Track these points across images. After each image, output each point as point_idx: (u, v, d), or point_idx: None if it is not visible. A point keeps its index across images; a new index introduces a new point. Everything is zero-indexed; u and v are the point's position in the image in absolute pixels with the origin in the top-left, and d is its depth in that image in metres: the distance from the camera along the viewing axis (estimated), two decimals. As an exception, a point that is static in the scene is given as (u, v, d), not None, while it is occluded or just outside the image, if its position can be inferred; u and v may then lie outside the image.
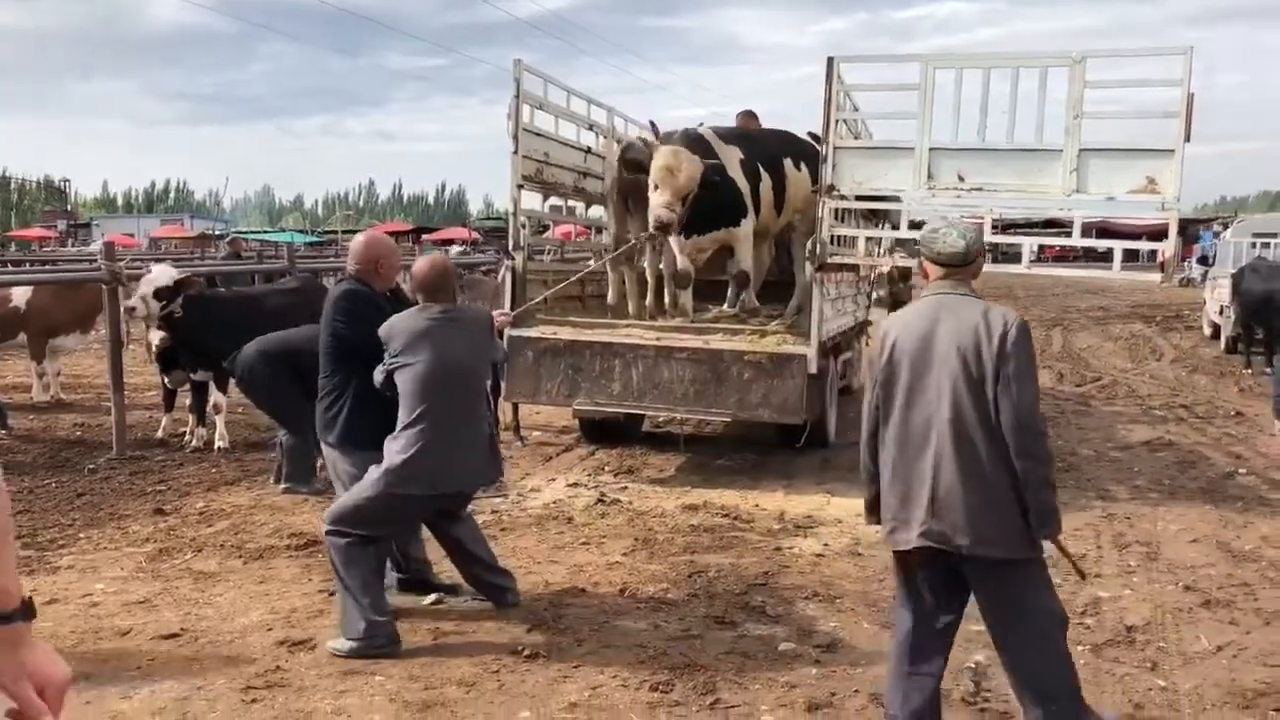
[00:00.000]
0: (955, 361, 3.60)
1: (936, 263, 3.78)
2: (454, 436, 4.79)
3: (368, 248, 5.33)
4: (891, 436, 3.75)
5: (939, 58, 7.74)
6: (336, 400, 5.08)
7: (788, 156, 9.39)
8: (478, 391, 5.09)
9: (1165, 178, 7.20)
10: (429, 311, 4.88)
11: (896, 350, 3.74)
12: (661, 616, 5.19)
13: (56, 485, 7.80)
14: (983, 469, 3.57)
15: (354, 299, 5.12)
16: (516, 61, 8.58)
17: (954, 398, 3.60)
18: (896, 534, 3.73)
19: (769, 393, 7.84)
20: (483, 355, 5.16)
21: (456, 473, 4.88)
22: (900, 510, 3.71)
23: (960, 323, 3.64)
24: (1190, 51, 7.05)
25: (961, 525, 3.57)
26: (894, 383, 3.73)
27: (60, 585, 5.59)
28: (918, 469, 3.66)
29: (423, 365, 4.74)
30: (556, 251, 15.48)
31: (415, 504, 4.89)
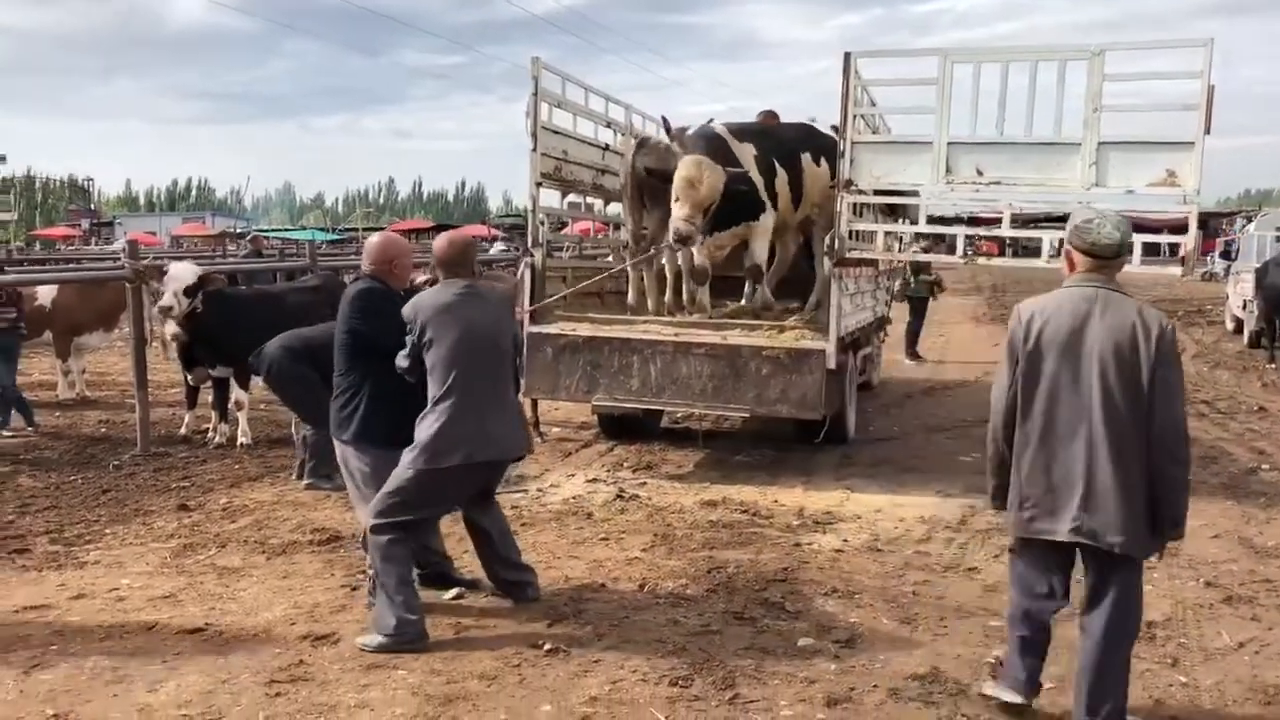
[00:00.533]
0: (1111, 358, 3.67)
1: (1089, 254, 3.80)
2: (485, 406, 4.84)
3: (383, 247, 5.38)
4: (1034, 426, 3.81)
5: (957, 51, 7.72)
6: (352, 398, 5.12)
7: (805, 151, 9.38)
8: (505, 363, 5.11)
9: (1185, 171, 7.16)
10: (452, 287, 4.95)
11: (1044, 339, 3.77)
12: (681, 612, 5.22)
13: (82, 481, 7.89)
14: (1135, 469, 3.68)
15: (370, 296, 5.16)
16: (535, 59, 8.61)
17: (1107, 395, 3.67)
18: (1036, 523, 3.83)
19: (787, 388, 7.84)
20: (506, 328, 5.16)
21: (491, 440, 4.88)
22: (1043, 499, 3.80)
23: (1116, 319, 3.70)
24: (1211, 44, 7.01)
25: (1115, 524, 3.68)
26: (1039, 371, 3.79)
27: (87, 580, 5.66)
28: (1065, 462, 3.75)
29: (450, 338, 4.79)
30: (575, 248, 15.52)
31: (453, 478, 4.87)
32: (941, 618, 5.17)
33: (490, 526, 5.34)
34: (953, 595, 5.50)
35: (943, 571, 5.91)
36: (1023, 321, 3.88)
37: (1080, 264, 3.85)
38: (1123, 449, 3.68)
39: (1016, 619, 4.03)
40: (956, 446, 9.44)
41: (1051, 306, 3.85)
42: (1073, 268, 3.90)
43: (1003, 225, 8.46)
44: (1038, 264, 8.32)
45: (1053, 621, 4.02)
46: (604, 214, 11.83)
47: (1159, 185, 7.29)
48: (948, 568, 5.98)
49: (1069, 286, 3.87)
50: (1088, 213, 3.92)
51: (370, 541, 4.90)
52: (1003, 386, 3.93)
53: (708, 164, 8.17)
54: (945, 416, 10.95)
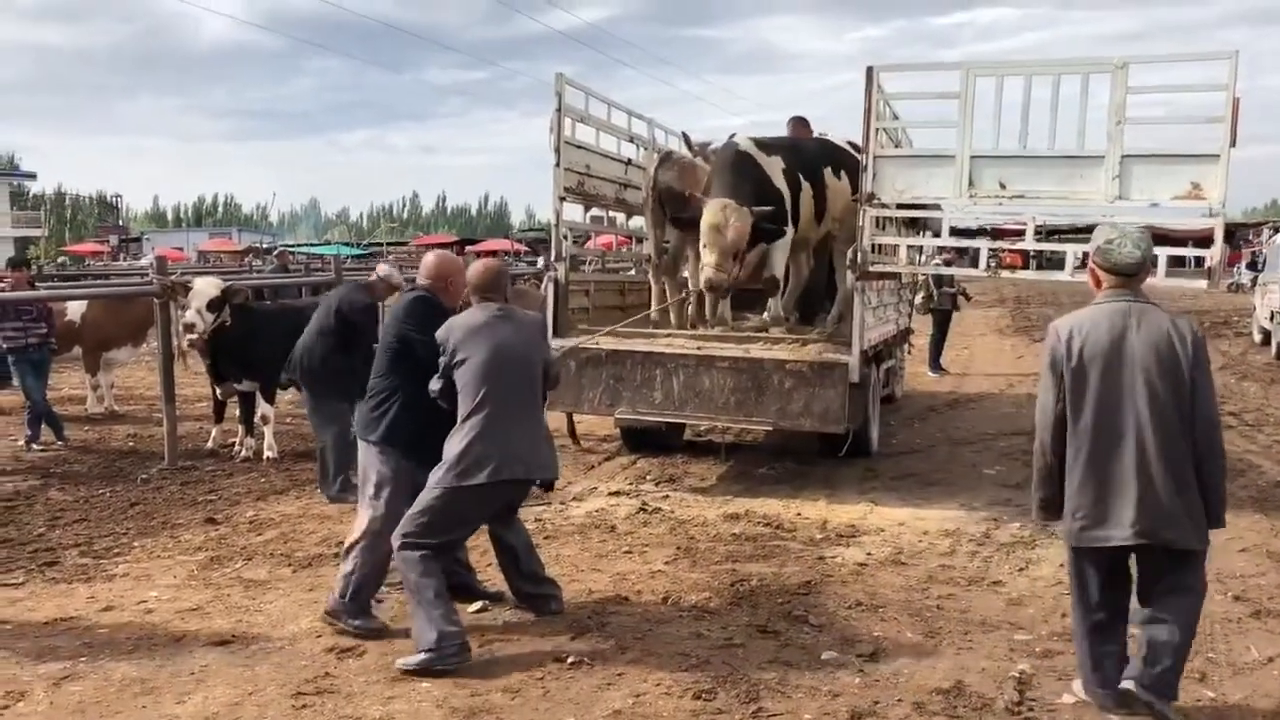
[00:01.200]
0: (1154, 365, 3.90)
1: (1113, 272, 4.05)
2: (513, 425, 4.86)
3: (440, 265, 5.42)
4: (1083, 438, 3.99)
5: (979, 65, 7.71)
6: (386, 400, 5.15)
7: (828, 165, 9.39)
8: (534, 385, 5.11)
9: (1210, 183, 7.12)
10: (485, 310, 5.01)
11: (1086, 354, 3.97)
12: (704, 625, 5.22)
13: (111, 495, 7.98)
14: (1184, 467, 3.91)
15: (427, 305, 5.21)
16: (559, 75, 8.67)
17: (1154, 400, 3.89)
18: (1090, 531, 3.99)
19: (810, 401, 7.84)
20: (536, 351, 5.17)
21: (518, 459, 4.89)
22: (1093, 509, 3.97)
23: (1153, 328, 3.94)
24: (1236, 55, 6.98)
25: (1171, 521, 3.89)
26: (1084, 385, 3.98)
27: (116, 593, 5.72)
28: (1117, 469, 3.93)
29: (480, 358, 4.83)
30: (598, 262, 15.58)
31: (480, 496, 4.88)
32: (966, 631, 5.15)
33: (515, 541, 5.36)
34: (977, 609, 5.48)
35: (967, 585, 5.89)
36: (1063, 339, 4.04)
37: (1106, 281, 4.07)
38: (1171, 450, 3.89)
39: (1088, 635, 4.17)
40: (980, 459, 9.40)
41: (1089, 323, 4.02)
42: (1099, 284, 4.11)
43: (1026, 238, 8.43)
44: (1061, 276, 8.27)
45: (1119, 623, 4.17)
46: (627, 228, 11.88)
47: (1184, 198, 7.25)
48: (972, 581, 5.96)
49: (1102, 302, 4.06)
50: (1109, 232, 4.09)
51: (399, 559, 4.90)
52: (1048, 403, 4.09)
53: (733, 208, 8.14)
54: (969, 429, 10.91)
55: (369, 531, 5.10)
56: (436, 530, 4.86)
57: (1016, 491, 8.14)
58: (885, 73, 8.02)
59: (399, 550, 4.89)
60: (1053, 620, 5.31)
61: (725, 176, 8.60)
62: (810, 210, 9.14)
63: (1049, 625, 5.24)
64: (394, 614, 5.29)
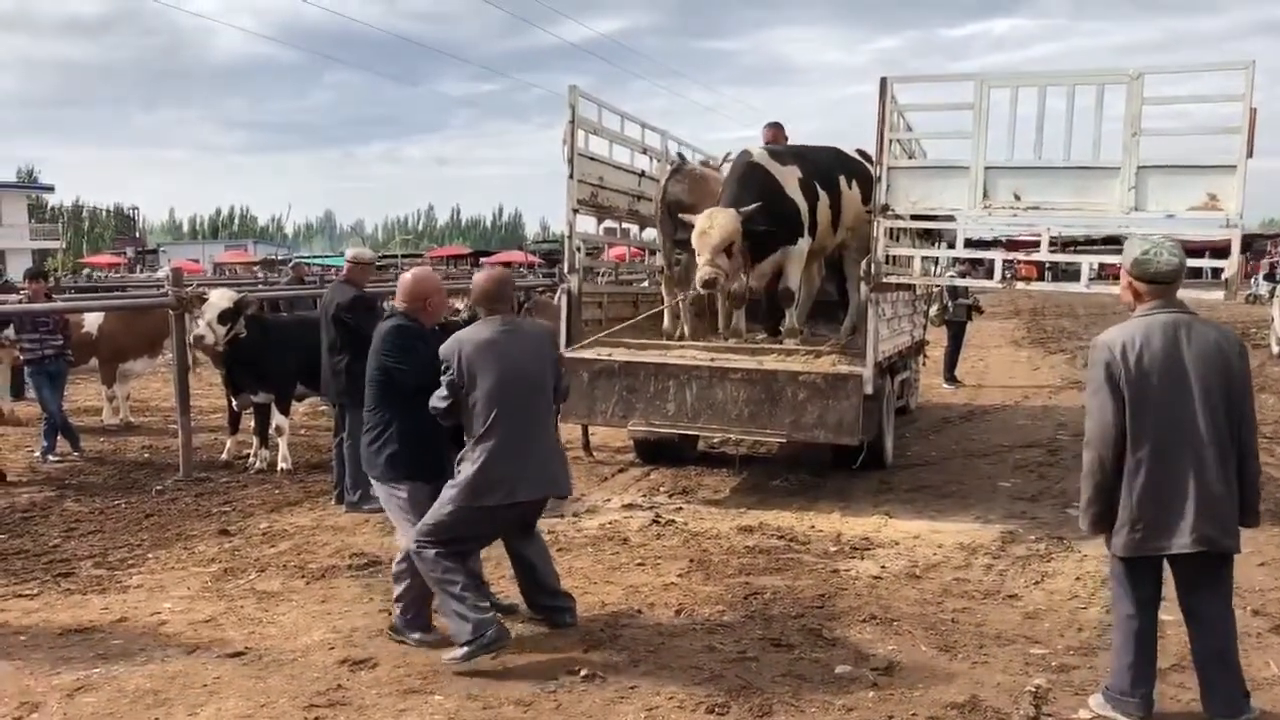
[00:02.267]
0: (1210, 376, 3.99)
1: (1152, 282, 4.09)
2: (526, 445, 4.85)
3: (415, 284, 5.33)
4: (1144, 451, 4.02)
5: (994, 76, 7.70)
6: (382, 434, 5.13)
7: (841, 174, 9.38)
8: (546, 401, 5.12)
9: (1227, 194, 7.08)
10: (492, 324, 4.96)
11: (1144, 367, 4.00)
12: (717, 638, 5.20)
13: (126, 506, 8.01)
14: (1233, 474, 4.05)
15: (404, 334, 5.15)
16: (572, 88, 8.69)
17: (1210, 411, 3.99)
18: (1148, 541, 4.04)
19: (824, 413, 7.81)
20: (547, 366, 5.13)
21: (531, 480, 4.90)
22: (1155, 519, 4.02)
23: (1202, 339, 4.04)
24: (1252, 66, 6.94)
25: (1229, 528, 4.04)
26: (1146, 399, 4.01)
27: (130, 604, 5.74)
28: (1176, 480, 4.00)
29: (491, 376, 4.79)
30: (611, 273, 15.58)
31: (494, 515, 4.91)
32: (981, 645, 5.11)
33: (532, 555, 5.36)
34: (992, 622, 5.44)
35: (982, 598, 5.85)
36: (1116, 353, 4.03)
37: (1145, 292, 4.11)
38: (1225, 458, 4.01)
39: (1128, 635, 4.22)
40: (995, 471, 9.35)
41: (1140, 335, 4.04)
42: (1138, 296, 4.14)
43: (1041, 249, 8.41)
44: (1077, 288, 8.26)
45: (1155, 630, 4.25)
46: (640, 239, 11.89)
47: (1201, 209, 7.21)
48: (987, 594, 5.92)
49: (1147, 315, 4.09)
50: (1142, 244, 4.11)
51: (419, 560, 4.91)
52: (1107, 419, 4.07)
53: (720, 213, 8.21)
54: (984, 441, 10.85)
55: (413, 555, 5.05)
56: (449, 538, 4.87)
57: (1032, 504, 8.10)
58: (899, 84, 8.02)
59: (416, 555, 4.91)
60: (1069, 634, 5.26)
61: (737, 187, 8.60)
62: (827, 220, 9.13)
63: (1065, 639, 5.19)
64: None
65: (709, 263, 8.00)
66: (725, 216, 8.15)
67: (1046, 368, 17.38)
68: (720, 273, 8.00)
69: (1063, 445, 10.50)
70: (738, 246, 8.16)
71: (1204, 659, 4.16)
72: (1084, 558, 6.60)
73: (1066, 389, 14.81)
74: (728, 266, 8.10)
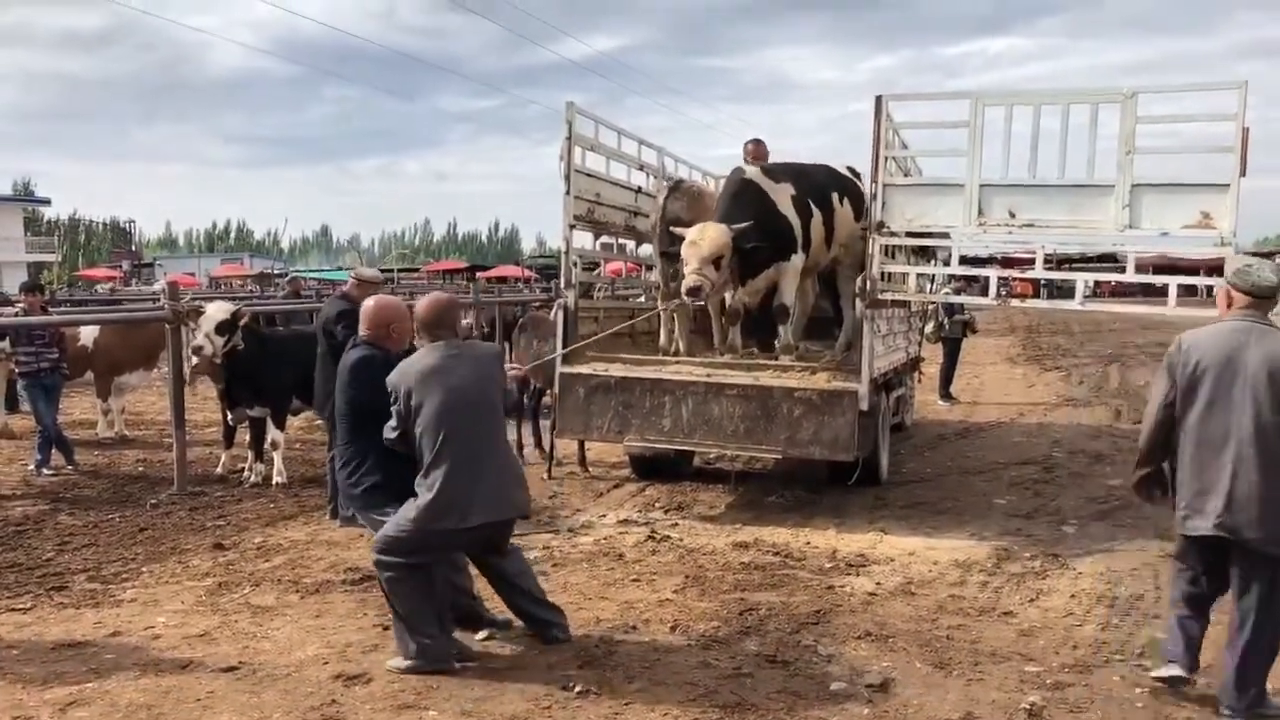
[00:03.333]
0: (1264, 381, 4.32)
1: (1249, 294, 4.46)
2: (477, 468, 4.83)
3: (378, 312, 5.28)
4: (1188, 439, 4.51)
5: (989, 95, 7.73)
6: (358, 468, 5.10)
7: (833, 191, 9.42)
8: (495, 422, 5.08)
9: (1220, 212, 7.12)
10: (435, 350, 4.92)
11: (1200, 365, 4.45)
12: (712, 654, 5.19)
13: (120, 520, 7.99)
14: (1277, 476, 4.30)
15: (369, 365, 5.11)
16: (569, 104, 8.72)
17: (1257, 413, 4.31)
18: (1189, 521, 4.51)
19: (820, 429, 7.82)
20: (493, 386, 5.09)
21: (484, 503, 4.85)
22: (1194, 502, 4.47)
23: (1267, 347, 4.36)
24: (1244, 86, 6.99)
25: (1255, 522, 4.31)
26: (1195, 392, 4.47)
27: (123, 618, 5.72)
28: (1214, 469, 4.40)
29: (435, 402, 4.77)
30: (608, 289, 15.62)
31: (450, 538, 4.91)
32: (976, 662, 5.11)
33: (506, 566, 5.30)
34: (987, 639, 5.44)
35: (977, 615, 5.85)
36: (1182, 350, 4.55)
37: (1238, 301, 4.50)
38: (1267, 459, 4.29)
39: (1178, 602, 4.72)
40: (991, 489, 9.36)
41: (1208, 339, 4.51)
42: (1229, 305, 4.55)
43: (1036, 266, 8.44)
44: (1071, 305, 8.28)
45: (1210, 609, 4.67)
46: (636, 255, 11.91)
47: (1194, 227, 7.25)
48: (982, 611, 5.92)
49: (1225, 321, 4.53)
50: (1245, 259, 4.63)
51: (378, 573, 4.97)
52: (1158, 401, 4.64)
53: (712, 226, 8.24)
54: (979, 458, 10.86)
55: None
56: (407, 555, 4.87)
57: (1027, 521, 8.11)
58: (894, 102, 8.06)
59: (376, 563, 4.95)
60: (1064, 652, 5.26)
61: (730, 204, 8.64)
62: (820, 237, 9.16)
63: (1060, 657, 5.20)
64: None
65: (695, 271, 8.03)
66: (716, 230, 8.19)
67: (1042, 385, 17.41)
68: (706, 282, 8.01)
69: (1058, 462, 10.52)
70: (726, 261, 8.18)
71: (1232, 649, 4.47)
72: (1079, 575, 6.61)
73: (1061, 406, 14.84)
74: (714, 277, 8.11)
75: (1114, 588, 6.37)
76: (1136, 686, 4.81)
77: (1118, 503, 8.67)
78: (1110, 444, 11.60)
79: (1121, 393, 16.32)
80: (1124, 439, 11.97)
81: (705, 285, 8.02)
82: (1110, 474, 9.95)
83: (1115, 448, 11.34)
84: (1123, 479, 9.62)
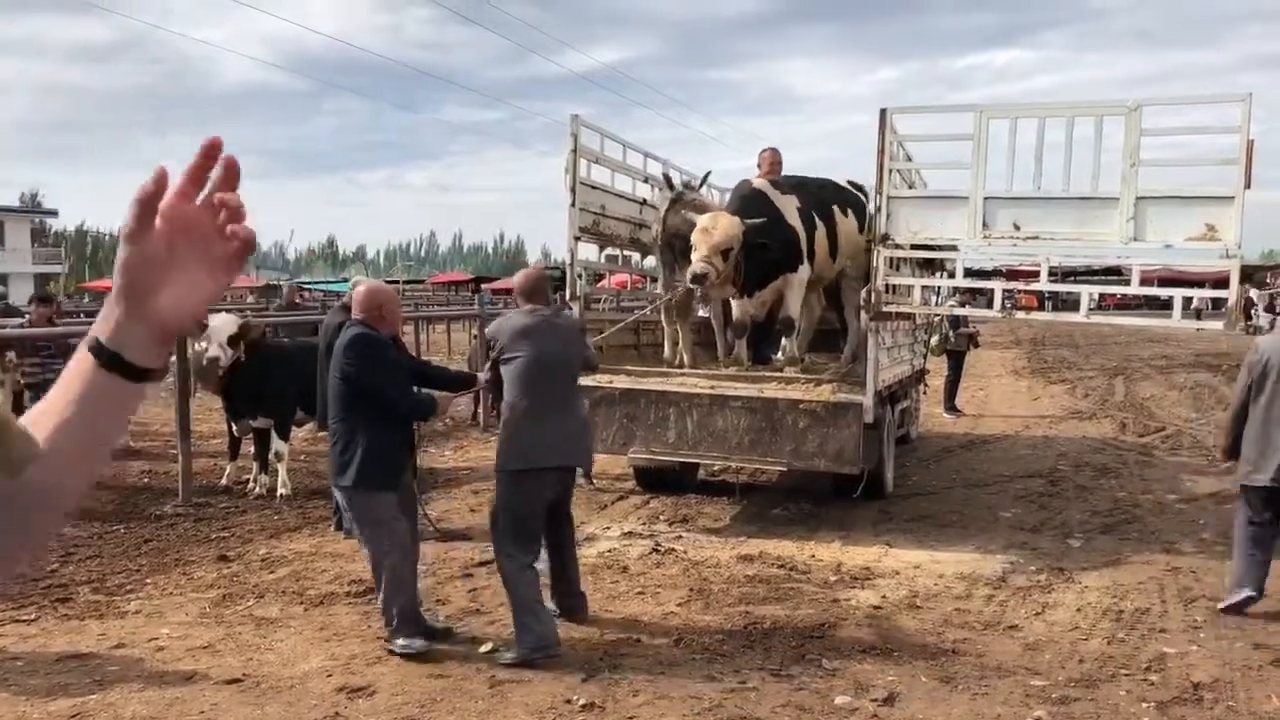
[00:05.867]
0: None
1: None
2: (545, 421, 5.43)
3: (370, 295, 5.57)
4: (1256, 415, 6.06)
5: (993, 107, 7.74)
6: (349, 444, 5.28)
7: (836, 204, 9.43)
8: (570, 383, 5.71)
9: (1225, 225, 7.11)
10: (527, 315, 5.53)
11: (1270, 363, 6.04)
12: (717, 668, 5.18)
13: (125, 531, 7.98)
14: None
15: (366, 342, 5.34)
16: (574, 117, 8.75)
17: None
18: (1252, 475, 6.07)
19: (824, 442, 7.81)
20: (575, 350, 5.76)
21: (551, 450, 5.44)
22: (1258, 461, 6.03)
23: None
24: (1249, 98, 7.00)
25: None
26: (1263, 383, 6.04)
27: (127, 630, 5.72)
28: (1273, 438, 5.95)
29: (523, 359, 5.40)
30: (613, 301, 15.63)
31: (524, 481, 5.40)
32: (981, 676, 5.09)
33: (563, 545, 5.84)
34: (993, 653, 5.42)
35: (982, 629, 5.83)
36: (1260, 353, 6.17)
37: None
38: None
39: (1243, 540, 6.14)
40: (996, 502, 9.33)
41: (1271, 342, 6.27)
42: None
43: (1041, 279, 8.43)
44: (1076, 318, 8.26)
45: (1269, 541, 6.08)
46: (640, 267, 11.92)
47: (1199, 239, 7.24)
48: (987, 625, 5.90)
49: None
50: None
51: (502, 573, 5.45)
52: (1241, 386, 6.27)
53: (724, 215, 8.32)
54: (984, 471, 10.83)
55: (377, 563, 5.32)
56: (517, 527, 5.38)
57: (1033, 534, 8.08)
58: (898, 115, 8.07)
59: (501, 566, 5.45)
60: (1070, 666, 5.24)
61: (740, 204, 8.68)
62: (825, 249, 9.16)
63: (1066, 671, 5.18)
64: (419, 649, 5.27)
65: (704, 259, 8.03)
66: (729, 220, 8.23)
67: (1047, 398, 17.36)
68: (712, 270, 8.01)
69: (1064, 475, 10.49)
70: (735, 253, 8.20)
71: None
72: (1085, 589, 6.58)
73: (1067, 419, 14.80)
74: (721, 268, 8.11)
75: (1120, 601, 6.35)
76: (1143, 701, 4.79)
77: (1124, 516, 8.64)
78: (1115, 457, 11.57)
79: (1127, 405, 16.27)
80: (1130, 452, 11.94)
81: (711, 273, 8.02)
82: (1116, 487, 9.92)
83: (1121, 461, 11.31)
84: (1128, 492, 9.62)
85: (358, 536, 5.48)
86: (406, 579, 5.33)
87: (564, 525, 5.86)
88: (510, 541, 5.39)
